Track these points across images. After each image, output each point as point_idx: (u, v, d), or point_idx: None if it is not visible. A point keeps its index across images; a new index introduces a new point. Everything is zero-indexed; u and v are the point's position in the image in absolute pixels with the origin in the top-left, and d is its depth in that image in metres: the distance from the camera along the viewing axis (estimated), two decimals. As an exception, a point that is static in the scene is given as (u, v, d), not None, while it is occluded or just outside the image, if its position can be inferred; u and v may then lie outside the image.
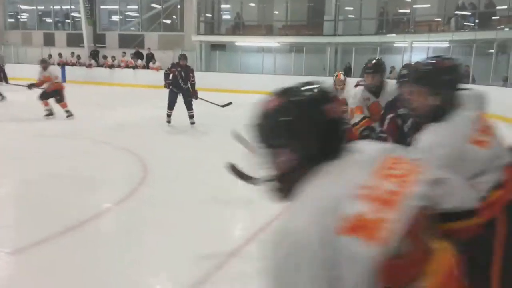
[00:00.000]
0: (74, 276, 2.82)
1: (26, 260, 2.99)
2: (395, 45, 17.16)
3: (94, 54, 20.66)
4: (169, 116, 8.71)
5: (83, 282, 2.75)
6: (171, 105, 8.66)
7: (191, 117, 8.77)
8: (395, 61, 16.97)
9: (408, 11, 17.00)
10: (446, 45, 15.86)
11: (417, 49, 16.36)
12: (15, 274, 2.89)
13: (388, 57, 17.64)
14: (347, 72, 17.63)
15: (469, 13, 15.36)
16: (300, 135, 1.07)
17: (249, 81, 17.20)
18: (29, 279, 2.78)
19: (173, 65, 8.92)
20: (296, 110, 1.08)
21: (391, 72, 16.56)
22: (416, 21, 16.74)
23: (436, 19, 16.61)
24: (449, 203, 1.42)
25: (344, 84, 6.18)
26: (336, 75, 6.44)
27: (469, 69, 14.10)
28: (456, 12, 15.36)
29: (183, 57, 8.79)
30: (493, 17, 15.04)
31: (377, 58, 5.51)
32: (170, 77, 8.61)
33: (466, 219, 1.56)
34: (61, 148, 6.71)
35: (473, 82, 13.35)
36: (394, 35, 16.50)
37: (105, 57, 20.16)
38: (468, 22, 15.36)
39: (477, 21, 15.00)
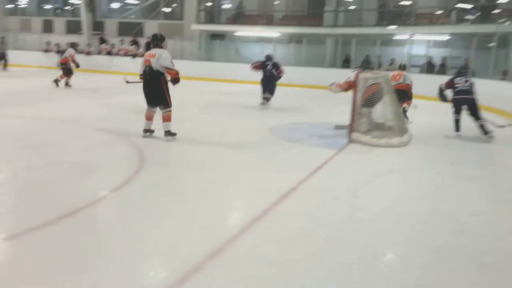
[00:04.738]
0: (69, 261, 2.83)
1: (22, 246, 3.00)
2: (395, 37, 17.09)
3: (102, 40, 20.75)
4: None
5: (77, 267, 2.76)
6: None
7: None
8: (395, 54, 16.90)
9: (409, 2, 16.90)
10: (446, 37, 15.81)
11: (417, 41, 16.28)
12: (11, 259, 2.90)
13: (388, 49, 17.59)
14: (346, 63, 17.60)
15: (470, 6, 15.29)
16: None
17: (248, 71, 17.10)
18: (24, 264, 2.79)
19: None
20: None
21: (390, 64, 16.51)
22: (417, 13, 16.65)
23: (438, 12, 16.54)
24: None
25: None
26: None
27: (469, 62, 14.06)
28: (457, 5, 15.29)
29: None
30: (494, 11, 14.99)
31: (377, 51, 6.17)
32: None
33: None
34: (59, 133, 6.71)
35: (473, 75, 13.33)
36: (394, 27, 16.40)
37: (103, 41, 20.17)
38: (469, 15, 15.31)
39: (478, 14, 14.94)
